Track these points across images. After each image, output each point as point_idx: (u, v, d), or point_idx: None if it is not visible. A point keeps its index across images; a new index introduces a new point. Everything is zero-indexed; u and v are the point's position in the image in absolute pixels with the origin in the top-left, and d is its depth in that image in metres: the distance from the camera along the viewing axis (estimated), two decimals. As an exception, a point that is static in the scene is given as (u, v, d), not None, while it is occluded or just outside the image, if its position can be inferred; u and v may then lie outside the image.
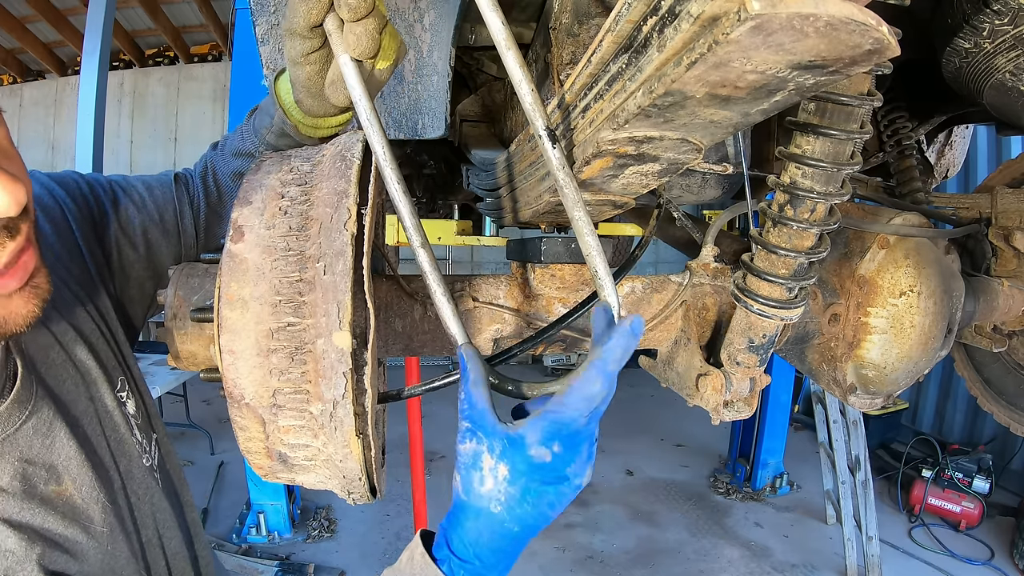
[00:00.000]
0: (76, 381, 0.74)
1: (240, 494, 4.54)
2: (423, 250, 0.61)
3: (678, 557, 4.23)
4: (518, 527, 0.55)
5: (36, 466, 0.64)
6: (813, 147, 0.73)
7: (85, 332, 0.77)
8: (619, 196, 0.73)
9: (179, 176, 0.98)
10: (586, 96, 0.56)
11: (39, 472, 0.64)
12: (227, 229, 0.64)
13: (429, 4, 1.08)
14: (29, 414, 0.65)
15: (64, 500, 0.65)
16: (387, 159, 0.61)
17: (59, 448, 0.67)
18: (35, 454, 0.64)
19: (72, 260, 0.80)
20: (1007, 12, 0.86)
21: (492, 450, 0.55)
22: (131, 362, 0.85)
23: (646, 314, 0.96)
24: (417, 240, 0.61)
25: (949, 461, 4.85)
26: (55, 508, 0.64)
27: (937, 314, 1.01)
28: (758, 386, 0.91)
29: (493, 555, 0.57)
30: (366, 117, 0.63)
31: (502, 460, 0.54)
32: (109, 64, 4.69)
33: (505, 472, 0.54)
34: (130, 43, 9.84)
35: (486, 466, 0.55)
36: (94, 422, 0.74)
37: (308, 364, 0.60)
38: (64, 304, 0.76)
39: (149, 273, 0.92)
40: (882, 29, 0.34)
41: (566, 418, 0.54)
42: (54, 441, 0.66)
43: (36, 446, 0.65)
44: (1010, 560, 4.30)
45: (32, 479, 0.63)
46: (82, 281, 0.80)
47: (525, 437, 0.54)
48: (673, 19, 0.38)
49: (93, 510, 0.68)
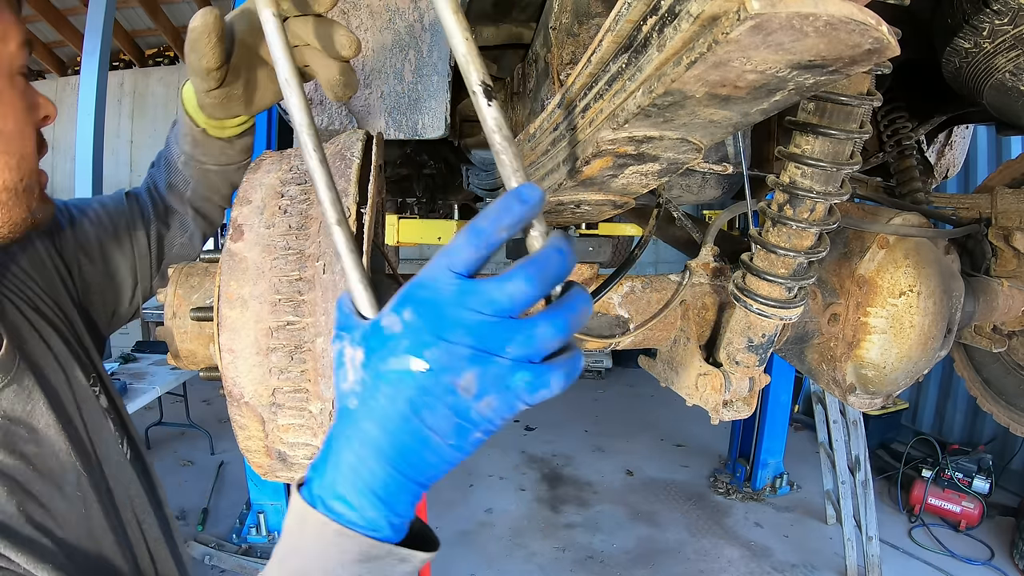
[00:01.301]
0: (54, 364, 0.76)
1: (240, 494, 4.54)
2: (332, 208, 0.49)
3: (678, 557, 4.23)
4: (379, 431, 0.43)
5: (17, 425, 0.66)
6: (813, 147, 0.73)
7: (58, 327, 0.81)
8: (619, 196, 0.73)
9: (129, 193, 1.05)
10: (586, 96, 0.56)
11: (19, 431, 0.66)
12: (227, 227, 0.64)
13: (429, 4, 1.08)
14: (11, 380, 0.67)
15: (41, 461, 0.67)
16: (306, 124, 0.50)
17: (38, 415, 0.69)
18: (16, 415, 0.67)
19: (34, 268, 0.84)
20: (1007, 12, 0.86)
21: (353, 340, 0.45)
22: (100, 367, 0.88)
23: (646, 314, 0.96)
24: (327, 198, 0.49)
25: (949, 461, 4.85)
26: (34, 466, 0.66)
27: (937, 314, 1.02)
28: (757, 385, 0.91)
29: (365, 479, 0.44)
30: (285, 78, 0.52)
31: (359, 344, 0.44)
32: (109, 64, 4.69)
33: (361, 356, 0.44)
34: (130, 43, 9.83)
35: (347, 358, 0.45)
36: (71, 401, 0.76)
37: (307, 363, 0.60)
38: (34, 301, 0.80)
39: (108, 281, 0.97)
40: (882, 29, 0.34)
41: (423, 279, 0.42)
42: (34, 408, 0.69)
43: (17, 409, 0.67)
44: (1010, 560, 4.30)
45: (13, 436, 0.65)
46: (48, 287, 0.84)
47: (382, 313, 0.44)
48: (673, 19, 0.38)
49: (69, 475, 0.70)
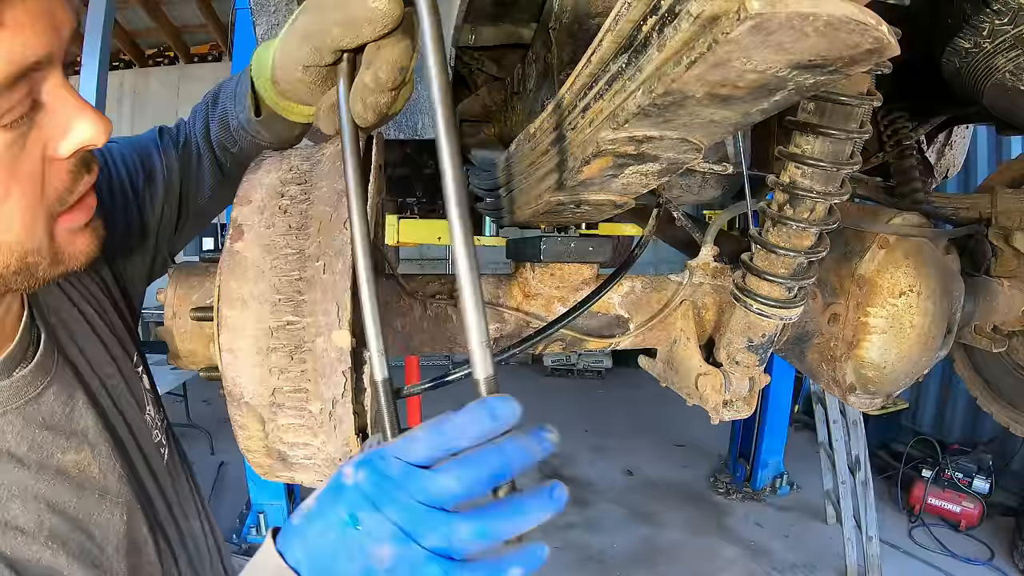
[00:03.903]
0: (96, 351, 0.75)
1: (240, 494, 4.54)
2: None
3: (678, 557, 4.23)
4: (310, 547, 0.47)
5: (56, 433, 0.65)
6: (813, 147, 0.73)
7: (101, 303, 0.79)
8: (619, 196, 0.73)
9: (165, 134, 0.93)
10: (586, 96, 0.56)
11: (58, 440, 0.65)
12: (227, 227, 0.64)
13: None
14: (51, 380, 0.66)
15: (81, 470, 0.66)
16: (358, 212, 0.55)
17: (78, 416, 0.68)
18: (56, 421, 0.65)
19: None
20: (1007, 12, 0.86)
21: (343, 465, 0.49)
22: (138, 339, 0.86)
23: (645, 313, 0.96)
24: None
25: (949, 461, 4.85)
26: (71, 480, 0.64)
27: (937, 314, 1.01)
28: (757, 385, 0.91)
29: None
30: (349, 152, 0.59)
31: (333, 475, 0.48)
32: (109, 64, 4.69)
33: (326, 483, 0.49)
34: (130, 43, 9.83)
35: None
36: (110, 394, 0.75)
37: (307, 363, 0.60)
38: (81, 278, 0.77)
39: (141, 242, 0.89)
40: (882, 29, 0.34)
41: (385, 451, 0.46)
42: (74, 409, 0.67)
43: (57, 413, 0.65)
44: (1010, 560, 4.30)
45: (49, 448, 0.64)
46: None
47: (348, 462, 0.48)
48: (673, 19, 0.38)
49: (110, 480, 0.68)
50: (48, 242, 0.58)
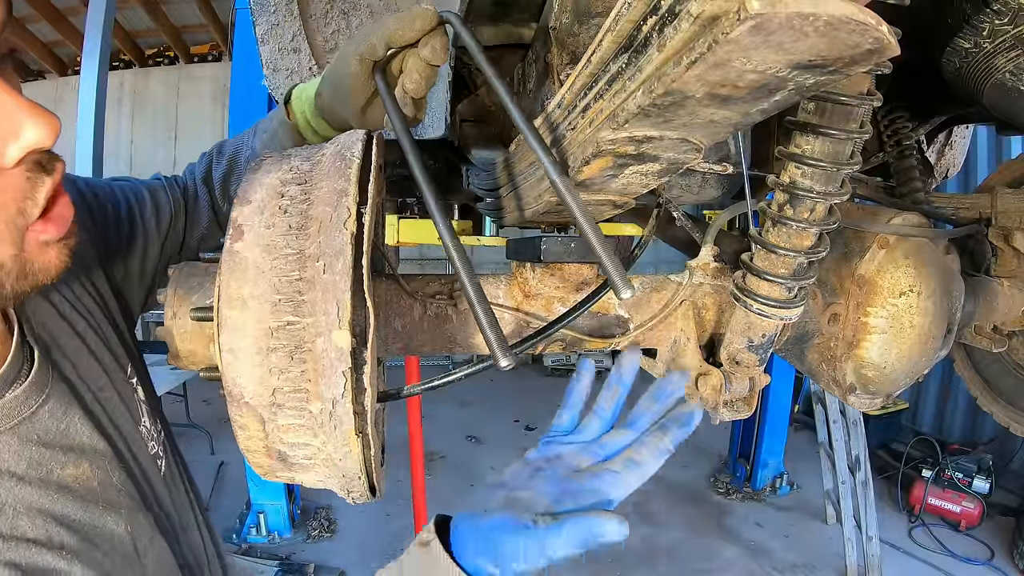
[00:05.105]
0: (88, 364, 0.74)
1: (240, 494, 4.54)
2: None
3: (678, 557, 4.23)
4: None
5: (54, 449, 0.64)
6: (813, 147, 0.73)
7: (94, 315, 0.79)
8: (619, 196, 0.73)
9: (171, 182, 1.03)
10: (586, 96, 0.56)
11: (56, 456, 0.64)
12: (227, 228, 0.64)
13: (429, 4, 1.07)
14: (46, 397, 0.65)
15: (82, 484, 0.65)
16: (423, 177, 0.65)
17: (74, 431, 0.67)
18: (52, 438, 0.64)
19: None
20: (1007, 12, 0.86)
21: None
22: (135, 349, 0.86)
23: (646, 314, 0.96)
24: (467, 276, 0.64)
25: (949, 461, 4.85)
26: (73, 493, 0.64)
27: (937, 314, 1.01)
28: (757, 386, 0.91)
29: None
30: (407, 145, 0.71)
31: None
32: (109, 64, 4.69)
33: None
34: (130, 43, 9.83)
35: None
36: (103, 407, 0.74)
37: (307, 363, 0.60)
38: (70, 283, 0.77)
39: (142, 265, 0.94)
40: (882, 29, 0.34)
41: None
42: (69, 425, 0.67)
43: (53, 429, 0.65)
44: (1010, 560, 4.30)
45: (49, 464, 0.63)
46: (82, 261, 0.80)
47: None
48: (673, 19, 0.38)
49: (109, 492, 0.68)
50: (14, 255, 0.54)
